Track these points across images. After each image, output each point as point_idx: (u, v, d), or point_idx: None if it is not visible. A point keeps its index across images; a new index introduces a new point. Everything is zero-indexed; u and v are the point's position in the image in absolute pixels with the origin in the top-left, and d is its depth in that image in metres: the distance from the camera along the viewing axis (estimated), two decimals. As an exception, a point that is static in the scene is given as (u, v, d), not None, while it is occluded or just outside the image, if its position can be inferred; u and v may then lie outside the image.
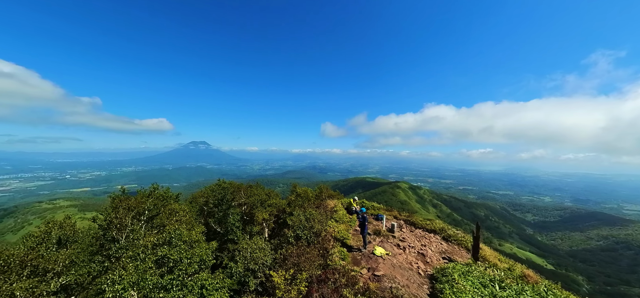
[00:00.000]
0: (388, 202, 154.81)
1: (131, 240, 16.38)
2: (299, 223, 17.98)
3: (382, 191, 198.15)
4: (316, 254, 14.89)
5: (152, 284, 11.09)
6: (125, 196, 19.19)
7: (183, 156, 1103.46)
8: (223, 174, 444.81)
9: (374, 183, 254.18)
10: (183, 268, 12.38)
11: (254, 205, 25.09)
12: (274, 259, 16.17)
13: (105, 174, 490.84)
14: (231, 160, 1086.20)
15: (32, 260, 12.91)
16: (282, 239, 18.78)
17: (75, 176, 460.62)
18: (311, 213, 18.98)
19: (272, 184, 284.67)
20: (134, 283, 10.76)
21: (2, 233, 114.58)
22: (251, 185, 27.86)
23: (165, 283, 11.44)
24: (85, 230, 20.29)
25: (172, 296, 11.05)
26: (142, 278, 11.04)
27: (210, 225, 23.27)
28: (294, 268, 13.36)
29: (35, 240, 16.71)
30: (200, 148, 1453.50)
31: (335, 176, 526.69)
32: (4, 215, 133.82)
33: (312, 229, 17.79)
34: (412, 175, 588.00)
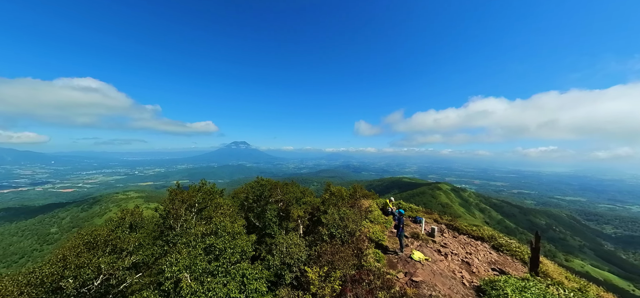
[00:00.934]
0: (427, 204, 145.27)
1: (185, 229, 18.53)
2: (333, 222, 18.07)
3: (420, 193, 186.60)
4: (350, 253, 14.79)
5: (201, 269, 12.38)
6: (180, 190, 21.74)
7: (226, 155, 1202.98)
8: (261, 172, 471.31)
9: (411, 184, 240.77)
10: (227, 257, 13.51)
11: (289, 202, 26.03)
12: (308, 255, 16.55)
13: (164, 170, 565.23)
14: (268, 159, 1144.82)
15: (112, 240, 15.54)
16: (317, 236, 19.11)
17: (142, 172, 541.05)
18: (345, 212, 18.91)
19: (307, 183, 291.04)
20: (187, 266, 12.15)
21: (91, 217, 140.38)
22: (287, 183, 28.96)
23: (212, 269, 12.65)
24: (149, 218, 23.61)
25: (217, 281, 12.16)
26: (194, 262, 12.39)
27: (250, 219, 24.91)
28: (328, 266, 13.49)
29: (113, 224, 20.07)
30: (241, 147, 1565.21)
31: (369, 175, 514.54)
32: (93, 202, 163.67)
33: (346, 228, 17.72)
34: (454, 176, 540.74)
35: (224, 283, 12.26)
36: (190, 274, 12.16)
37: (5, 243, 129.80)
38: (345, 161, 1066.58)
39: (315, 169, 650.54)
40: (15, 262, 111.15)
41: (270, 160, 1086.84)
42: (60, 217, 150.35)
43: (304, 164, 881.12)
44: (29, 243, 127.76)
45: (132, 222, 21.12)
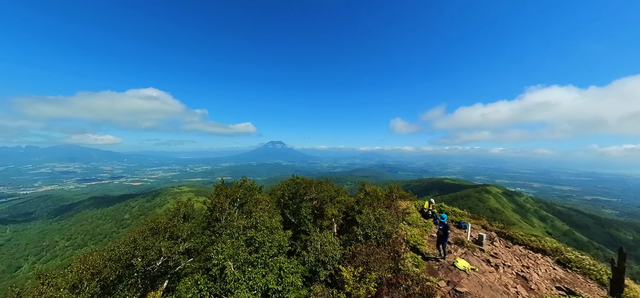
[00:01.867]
0: (473, 209, 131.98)
1: (228, 221, 20.17)
2: (368, 222, 17.69)
3: (465, 195, 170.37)
4: (386, 256, 14.30)
5: (243, 259, 13.33)
6: (224, 186, 23.73)
7: (264, 154, 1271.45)
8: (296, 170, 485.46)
9: (454, 186, 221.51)
10: (265, 250, 14.29)
11: (323, 200, 26.31)
12: (343, 254, 16.51)
13: (210, 168, 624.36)
14: (303, 158, 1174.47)
15: (170, 228, 17.77)
16: (351, 236, 18.94)
17: (192, 169, 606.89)
18: (381, 213, 18.34)
19: (340, 182, 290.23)
20: (230, 256, 13.21)
21: (153, 207, 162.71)
22: (321, 182, 29.29)
23: (252, 260, 13.52)
24: (199, 210, 26.32)
25: (257, 271, 12.95)
26: (236, 252, 13.41)
27: (286, 215, 25.90)
28: (363, 267, 13.26)
29: (171, 214, 22.90)
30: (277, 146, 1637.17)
31: (406, 175, 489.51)
32: (155, 195, 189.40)
33: (382, 229, 17.18)
34: (507, 178, 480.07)
35: (262, 274, 13.01)
36: (233, 263, 13.20)
37: (93, 224, 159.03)
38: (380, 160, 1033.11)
39: (348, 168, 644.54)
40: (100, 240, 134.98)
41: (305, 159, 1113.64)
42: (131, 206, 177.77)
43: (338, 163, 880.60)
44: (110, 226, 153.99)
45: (185, 213, 23.80)
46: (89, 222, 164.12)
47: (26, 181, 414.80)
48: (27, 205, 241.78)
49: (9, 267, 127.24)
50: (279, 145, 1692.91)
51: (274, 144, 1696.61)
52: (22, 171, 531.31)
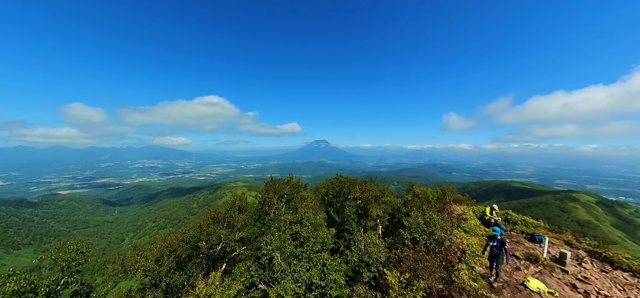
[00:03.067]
0: (552, 219, 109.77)
1: (276, 215, 21.55)
2: (416, 226, 16.53)
3: (540, 203, 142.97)
4: (437, 264, 13.12)
5: (289, 252, 14.06)
6: (273, 182, 25.42)
7: (309, 152, 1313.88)
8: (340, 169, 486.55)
9: (524, 190, 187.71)
10: (310, 245, 14.76)
11: (368, 200, 25.68)
12: (388, 258, 15.83)
13: (261, 165, 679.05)
14: (347, 157, 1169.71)
15: (227, 218, 20.00)
16: (397, 239, 18.00)
17: (246, 166, 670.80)
18: (432, 217, 16.89)
19: (386, 182, 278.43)
20: (278, 247, 14.09)
21: (215, 198, 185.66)
22: (366, 181, 28.65)
23: (297, 253, 14.14)
24: (251, 203, 28.85)
25: (301, 265, 13.49)
26: (283, 245, 14.23)
27: (330, 213, 26.21)
28: (410, 273, 12.45)
29: (228, 206, 25.74)
30: (322, 145, 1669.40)
31: (462, 177, 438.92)
32: (216, 188, 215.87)
33: (432, 235, 15.82)
34: (605, 183, 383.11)
35: (307, 268, 13.48)
36: (280, 254, 14.05)
37: (170, 210, 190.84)
38: (431, 159, 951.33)
39: (395, 167, 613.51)
40: (175, 224, 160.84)
41: (349, 158, 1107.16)
42: (197, 197, 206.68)
43: (383, 162, 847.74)
44: (182, 212, 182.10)
45: (240, 205, 26.42)
46: (168, 208, 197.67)
47: (126, 174, 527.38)
48: (127, 192, 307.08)
49: (117, 238, 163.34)
50: (323, 144, 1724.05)
51: (318, 143, 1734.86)
52: (124, 166, 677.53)
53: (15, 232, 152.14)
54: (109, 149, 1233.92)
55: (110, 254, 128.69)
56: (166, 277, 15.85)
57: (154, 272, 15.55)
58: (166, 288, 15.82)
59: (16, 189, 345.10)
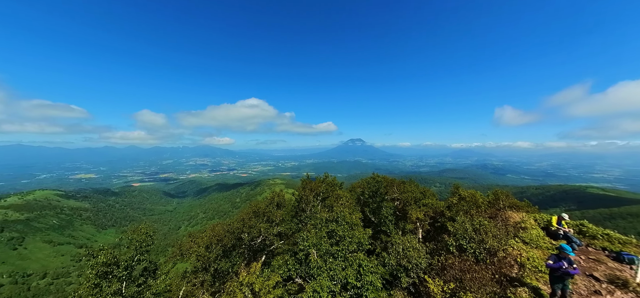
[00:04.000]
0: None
1: (312, 213, 21.95)
2: (463, 232, 15.07)
3: (631, 214, 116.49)
4: (489, 277, 11.76)
5: (324, 249, 14.18)
6: (309, 180, 25.96)
7: (344, 151, 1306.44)
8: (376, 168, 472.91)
9: (607, 198, 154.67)
10: (345, 244, 14.66)
11: (407, 201, 24.36)
12: (429, 264, 14.79)
13: (297, 164, 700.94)
14: (383, 156, 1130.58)
15: (267, 213, 21.14)
16: (440, 245, 16.68)
17: (283, 165, 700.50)
18: (482, 224, 15.19)
19: (427, 183, 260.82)
20: (314, 244, 14.33)
21: (255, 194, 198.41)
22: (404, 181, 27.23)
23: (333, 251, 14.17)
24: (288, 200, 29.96)
25: (337, 263, 13.48)
26: (319, 242, 14.41)
27: (366, 213, 25.62)
28: (455, 284, 11.42)
29: (267, 201, 27.19)
30: (357, 144, 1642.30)
31: (521, 180, 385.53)
32: (256, 185, 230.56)
33: (482, 244, 14.22)
34: None
35: (342, 267, 13.41)
36: (316, 251, 14.27)
37: (217, 204, 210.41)
38: (481, 159, 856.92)
39: (437, 167, 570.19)
40: (222, 216, 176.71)
41: (386, 157, 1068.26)
42: (240, 192, 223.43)
43: (424, 161, 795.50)
44: (227, 206, 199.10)
45: (278, 202, 27.66)
46: (215, 202, 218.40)
47: (182, 170, 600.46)
48: (183, 186, 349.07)
49: (175, 226, 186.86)
50: (358, 143, 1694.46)
51: (354, 142, 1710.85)
52: (180, 163, 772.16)
53: (103, 215, 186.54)
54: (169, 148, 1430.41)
55: (170, 239, 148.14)
56: (214, 263, 17.55)
57: (204, 258, 17.38)
58: (214, 273, 17.50)
59: (103, 181, 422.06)
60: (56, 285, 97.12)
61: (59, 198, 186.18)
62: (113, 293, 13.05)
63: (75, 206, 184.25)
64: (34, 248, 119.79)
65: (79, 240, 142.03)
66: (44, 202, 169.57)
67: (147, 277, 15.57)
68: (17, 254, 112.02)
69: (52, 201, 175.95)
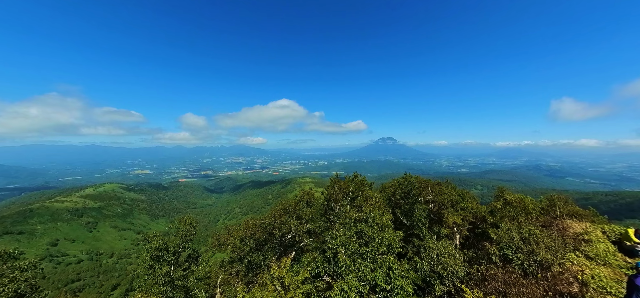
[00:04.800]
0: None
1: (341, 212, 21.92)
2: (508, 241, 13.61)
3: None
4: (540, 294, 10.46)
5: (353, 249, 14.07)
6: (338, 179, 25.95)
7: (374, 150, 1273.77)
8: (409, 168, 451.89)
9: None
10: (375, 245, 14.35)
11: (443, 204, 22.82)
12: (467, 273, 13.69)
13: (326, 163, 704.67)
14: (417, 155, 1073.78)
15: (296, 210, 21.74)
16: (481, 254, 15.31)
17: (312, 163, 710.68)
18: (532, 232, 13.54)
19: (466, 185, 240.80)
20: (342, 243, 14.31)
21: (286, 192, 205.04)
22: (440, 182, 25.55)
23: (362, 252, 13.98)
24: (317, 199, 30.34)
25: (366, 264, 13.27)
26: (347, 242, 14.35)
27: (397, 215, 24.68)
28: (498, 297, 10.38)
29: (297, 199, 27.90)
30: (388, 143, 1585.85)
31: (585, 184, 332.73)
32: (287, 183, 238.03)
33: (532, 255, 12.67)
34: None
35: (371, 268, 13.16)
36: (345, 250, 14.23)
37: (251, 200, 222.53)
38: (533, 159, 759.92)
39: (478, 168, 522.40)
40: (255, 211, 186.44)
41: (419, 156, 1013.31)
42: (272, 189, 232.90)
43: (463, 161, 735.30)
44: (260, 202, 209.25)
45: (308, 200, 28.18)
46: (249, 198, 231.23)
47: (220, 168, 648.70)
48: (221, 183, 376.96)
49: (214, 218, 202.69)
50: (389, 141, 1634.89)
51: (385, 141, 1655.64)
52: (219, 161, 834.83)
53: (156, 206, 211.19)
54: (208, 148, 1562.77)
55: (209, 230, 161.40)
56: (248, 255, 18.68)
57: (239, 250, 18.62)
58: (248, 264, 18.63)
59: (155, 176, 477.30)
60: (120, 263, 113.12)
61: (122, 190, 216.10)
62: (163, 275, 14.87)
63: (134, 197, 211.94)
64: (104, 232, 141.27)
65: (137, 226, 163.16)
66: (111, 193, 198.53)
67: (191, 263, 17.30)
68: (92, 236, 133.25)
69: (117, 193, 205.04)
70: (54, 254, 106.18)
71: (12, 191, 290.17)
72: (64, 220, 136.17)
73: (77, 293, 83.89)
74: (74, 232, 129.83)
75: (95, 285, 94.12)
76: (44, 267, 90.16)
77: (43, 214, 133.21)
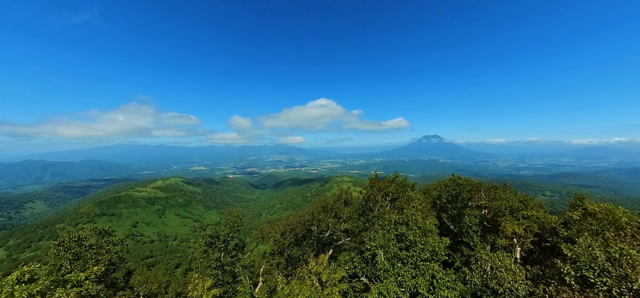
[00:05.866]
0: None
1: (380, 213, 21.21)
2: (589, 260, 11.29)
3: None
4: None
5: (392, 253, 13.46)
6: (377, 179, 25.16)
7: (417, 149, 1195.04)
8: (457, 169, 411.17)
9: None
10: (417, 251, 13.48)
11: (499, 211, 20.15)
12: (530, 293, 11.81)
13: (365, 162, 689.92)
14: (467, 154, 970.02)
15: (334, 208, 21.84)
16: (549, 272, 13.03)
17: (351, 162, 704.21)
18: (625, 253, 10.96)
19: (530, 190, 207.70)
20: (381, 246, 13.83)
21: (324, 190, 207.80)
22: (495, 186, 22.65)
23: (402, 256, 13.28)
24: (356, 198, 29.95)
25: (406, 269, 12.55)
26: (387, 244, 13.80)
27: (443, 220, 22.72)
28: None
29: (335, 198, 27.99)
30: (433, 141, 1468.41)
31: None
32: (325, 181, 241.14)
33: (624, 281, 10.25)
34: None
35: (412, 274, 12.40)
36: (383, 253, 13.73)
37: (291, 196, 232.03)
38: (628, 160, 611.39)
39: (547, 170, 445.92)
40: (294, 208, 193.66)
41: (470, 156, 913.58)
42: (311, 187, 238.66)
43: (525, 162, 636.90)
44: (299, 199, 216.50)
45: (345, 199, 28.05)
46: (289, 194, 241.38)
47: (263, 166, 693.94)
48: (264, 179, 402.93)
49: (258, 212, 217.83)
50: (434, 140, 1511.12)
51: (429, 139, 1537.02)
52: (262, 159, 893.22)
53: (209, 199, 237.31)
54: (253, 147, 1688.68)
55: (253, 223, 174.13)
56: (288, 249, 19.55)
57: (280, 243, 19.64)
58: (287, 258, 19.51)
59: (209, 172, 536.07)
60: (182, 246, 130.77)
61: (183, 184, 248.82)
62: (215, 260, 16.75)
63: (192, 190, 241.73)
64: (169, 218, 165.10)
65: (195, 215, 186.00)
66: (175, 186, 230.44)
67: (238, 252, 18.97)
68: (161, 221, 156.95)
69: (180, 186, 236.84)
70: (134, 234, 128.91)
71: (107, 181, 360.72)
72: (141, 206, 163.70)
73: (150, 267, 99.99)
74: (149, 217, 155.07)
75: (163, 262, 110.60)
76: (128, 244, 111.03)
77: (127, 201, 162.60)
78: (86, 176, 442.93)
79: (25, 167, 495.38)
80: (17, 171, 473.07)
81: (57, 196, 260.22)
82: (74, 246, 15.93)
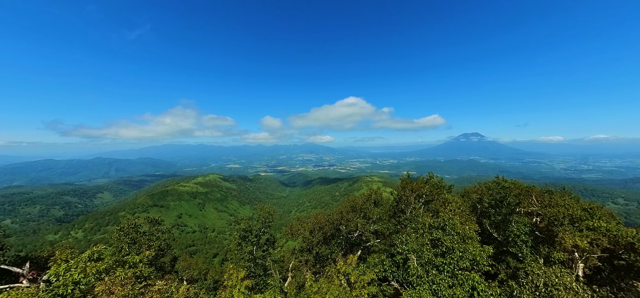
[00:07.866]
0: None
1: (413, 215, 20.13)
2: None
3: None
4: None
5: (427, 258, 12.66)
6: (409, 180, 23.96)
7: (453, 149, 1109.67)
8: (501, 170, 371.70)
9: None
10: (454, 258, 12.46)
11: (555, 219, 17.60)
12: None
13: (396, 162, 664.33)
14: (513, 154, 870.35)
15: (363, 209, 21.37)
16: (624, 296, 10.97)
17: (381, 162, 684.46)
18: None
19: (597, 196, 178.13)
20: (414, 250, 13.10)
21: (353, 190, 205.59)
22: (551, 190, 19.86)
23: (437, 263, 12.40)
24: (386, 199, 28.94)
25: (442, 278, 11.67)
26: (420, 249, 13.03)
27: (485, 226, 20.67)
28: None
29: (364, 198, 27.37)
30: (472, 140, 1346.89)
31: None
32: (354, 181, 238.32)
33: None
34: None
35: (449, 283, 11.50)
36: (416, 258, 12.98)
37: (319, 195, 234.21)
38: None
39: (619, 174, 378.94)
40: (323, 206, 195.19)
41: (517, 155, 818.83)
42: (339, 187, 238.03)
43: (590, 164, 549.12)
44: (328, 198, 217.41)
45: (375, 199, 27.24)
46: (318, 193, 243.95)
47: (293, 164, 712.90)
48: (293, 178, 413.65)
49: (287, 209, 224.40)
50: (474, 138, 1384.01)
51: (468, 137, 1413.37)
52: (292, 158, 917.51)
53: (243, 195, 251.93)
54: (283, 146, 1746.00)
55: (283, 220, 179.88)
56: (316, 247, 19.72)
57: (308, 240, 19.91)
58: (316, 256, 19.69)
59: (243, 170, 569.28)
60: (219, 238, 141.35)
61: (220, 180, 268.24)
62: (248, 252, 17.72)
63: (228, 186, 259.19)
64: (208, 211, 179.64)
65: (230, 210, 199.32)
66: (213, 182, 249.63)
67: (269, 246, 19.78)
68: (201, 214, 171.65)
69: (217, 182, 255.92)
70: (179, 224, 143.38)
71: (157, 177, 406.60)
72: (185, 199, 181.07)
73: (192, 255, 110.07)
74: (191, 209, 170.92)
75: (203, 251, 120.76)
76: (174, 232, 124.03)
77: (173, 194, 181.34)
78: (141, 172, 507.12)
79: (96, 163, 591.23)
80: (91, 167, 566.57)
81: (119, 188, 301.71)
82: (131, 232, 18.39)
